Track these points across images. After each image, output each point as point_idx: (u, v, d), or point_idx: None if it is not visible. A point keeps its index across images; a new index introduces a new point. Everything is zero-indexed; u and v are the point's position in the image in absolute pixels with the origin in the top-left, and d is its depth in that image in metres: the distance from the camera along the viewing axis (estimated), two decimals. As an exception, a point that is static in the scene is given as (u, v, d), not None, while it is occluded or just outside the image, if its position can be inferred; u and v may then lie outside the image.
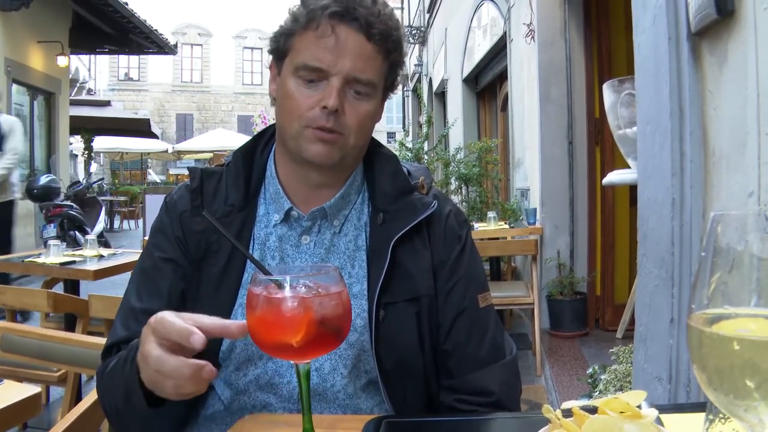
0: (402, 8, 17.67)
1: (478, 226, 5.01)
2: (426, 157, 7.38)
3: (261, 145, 1.20)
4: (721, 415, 0.61)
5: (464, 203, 6.68)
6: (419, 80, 14.57)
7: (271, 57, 1.14)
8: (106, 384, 1.02)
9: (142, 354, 0.84)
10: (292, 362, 0.82)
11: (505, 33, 6.06)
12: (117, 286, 6.02)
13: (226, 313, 1.08)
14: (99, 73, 26.37)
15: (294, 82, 1.06)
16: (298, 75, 1.05)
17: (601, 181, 4.00)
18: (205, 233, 1.10)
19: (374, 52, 1.06)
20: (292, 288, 0.78)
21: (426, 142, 8.02)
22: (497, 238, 4.89)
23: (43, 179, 8.64)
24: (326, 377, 1.06)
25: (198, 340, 0.79)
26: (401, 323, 1.08)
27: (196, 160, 21.04)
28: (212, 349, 1.06)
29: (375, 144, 1.20)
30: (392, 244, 1.08)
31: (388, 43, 1.07)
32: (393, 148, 6.48)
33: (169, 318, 0.81)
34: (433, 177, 1.29)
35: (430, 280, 1.11)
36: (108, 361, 1.05)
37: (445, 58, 10.15)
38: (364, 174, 1.19)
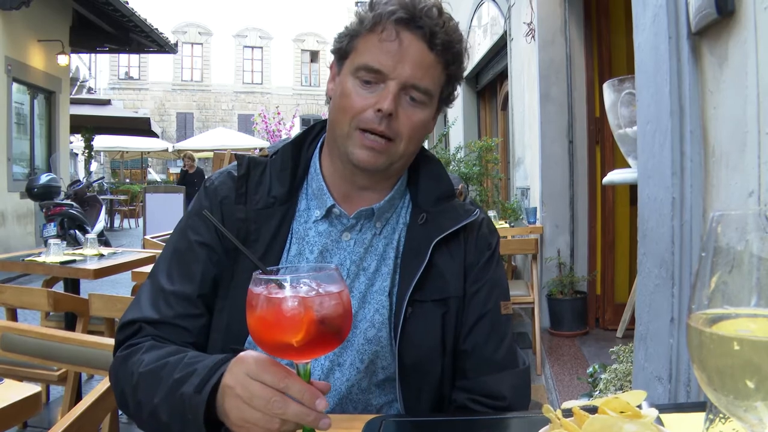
0: (402, 7, 17.64)
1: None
2: (426, 156, 7.37)
3: (309, 139, 1.21)
4: (721, 415, 0.61)
5: (464, 202, 6.67)
6: (419, 79, 14.54)
7: (333, 57, 1.15)
8: (142, 383, 0.97)
9: (243, 391, 0.81)
10: (292, 361, 0.82)
11: (505, 32, 6.06)
12: (117, 285, 6.03)
13: None
14: (99, 71, 26.37)
15: (352, 81, 1.07)
16: (357, 75, 1.07)
17: (601, 180, 3.99)
18: (245, 222, 1.11)
19: (434, 62, 1.07)
20: (292, 287, 0.78)
21: (426, 141, 8.02)
22: (497, 238, 4.88)
23: (44, 178, 8.64)
24: (344, 371, 1.08)
25: (322, 405, 0.80)
26: (427, 322, 1.09)
27: (197, 159, 21.02)
28: (238, 340, 1.07)
29: (421, 148, 1.22)
30: (433, 244, 1.10)
31: (448, 54, 1.09)
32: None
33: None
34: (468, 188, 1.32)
35: (460, 282, 1.13)
36: (139, 354, 1.00)
37: (445, 57, 10.12)
38: (407, 175, 1.20)
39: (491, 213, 5.00)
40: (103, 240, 8.34)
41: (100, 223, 9.73)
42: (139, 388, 0.97)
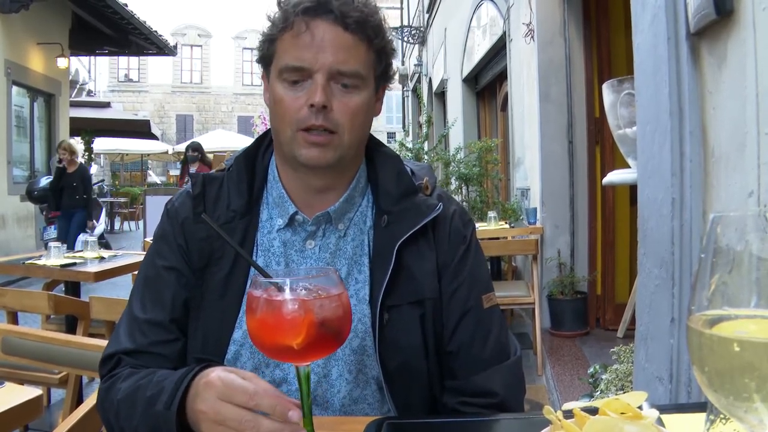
0: (401, 8, 17.69)
1: (479, 226, 5.01)
2: (426, 157, 7.38)
3: (262, 148, 1.17)
4: (722, 416, 0.61)
5: (465, 203, 6.68)
6: (419, 80, 14.56)
7: (261, 67, 1.13)
8: (121, 409, 0.99)
9: (215, 415, 0.82)
10: (291, 364, 0.82)
11: (504, 33, 6.06)
12: (118, 288, 6.03)
13: (232, 320, 1.07)
14: (99, 74, 26.36)
15: (280, 86, 1.05)
16: (283, 78, 1.04)
17: (601, 180, 4.00)
18: (208, 240, 1.09)
19: (355, 42, 1.03)
20: (292, 290, 0.78)
21: (426, 142, 8.02)
22: (498, 238, 4.89)
23: (44, 181, 8.65)
24: (333, 383, 1.06)
25: (296, 416, 0.79)
26: (405, 326, 1.06)
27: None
28: (217, 357, 1.06)
29: (376, 143, 1.18)
30: (397, 246, 1.06)
31: (367, 30, 1.04)
32: (393, 148, 6.47)
33: (246, 386, 0.81)
34: (436, 176, 1.26)
35: (434, 283, 1.09)
36: (118, 383, 1.02)
37: (444, 58, 10.15)
38: (367, 175, 1.17)
39: (491, 214, 5.00)
40: (103, 243, 8.35)
41: (101, 226, 9.74)
42: (120, 415, 0.98)
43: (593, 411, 0.67)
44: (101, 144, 17.75)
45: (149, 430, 0.92)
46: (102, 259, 3.76)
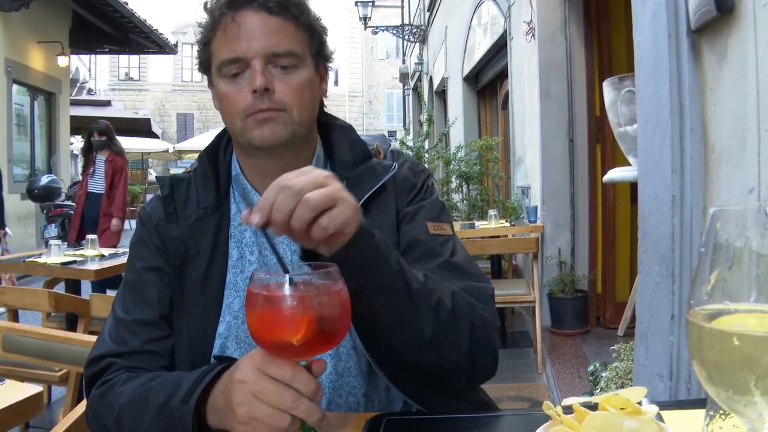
0: (402, 7, 17.68)
1: (479, 224, 5.02)
2: (427, 155, 7.39)
3: (222, 144, 1.19)
4: (721, 411, 0.61)
5: (465, 201, 6.68)
6: (420, 79, 14.57)
7: (204, 75, 1.14)
8: (126, 413, 0.96)
9: (254, 385, 0.80)
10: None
11: (505, 31, 6.06)
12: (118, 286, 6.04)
13: (214, 316, 1.07)
14: (99, 73, 26.39)
15: (222, 82, 1.06)
16: (223, 74, 1.06)
17: (601, 178, 3.99)
18: (182, 238, 1.10)
19: (281, 23, 1.05)
20: (291, 286, 0.78)
21: (427, 140, 8.02)
22: (498, 236, 4.89)
23: (44, 179, 8.67)
24: (342, 377, 1.06)
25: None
26: None
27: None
28: (203, 352, 1.06)
29: (330, 118, 1.20)
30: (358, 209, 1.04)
31: (291, 8, 1.06)
32: (393, 147, 6.47)
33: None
34: (390, 143, 1.27)
35: (394, 236, 1.09)
36: (116, 388, 1.00)
37: (445, 57, 10.15)
38: (324, 151, 1.18)
39: (492, 212, 5.00)
40: (104, 241, 8.34)
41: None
42: (123, 419, 0.96)
43: (593, 406, 0.67)
44: (102, 142, 17.74)
45: (161, 430, 0.90)
46: (102, 257, 3.76)
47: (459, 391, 1.12)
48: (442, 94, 11.43)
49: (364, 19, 12.62)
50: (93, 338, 1.74)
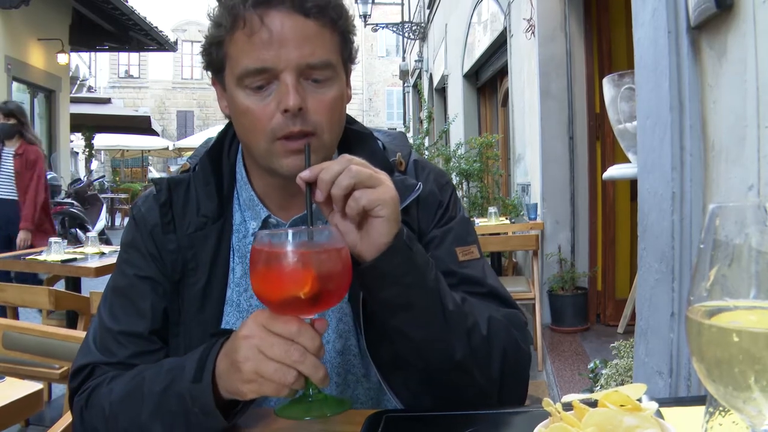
0: (402, 4, 17.65)
1: (479, 222, 5.02)
2: (427, 152, 7.39)
3: (226, 145, 1.08)
4: (721, 408, 0.61)
5: (465, 198, 6.68)
6: (419, 76, 14.55)
7: (209, 73, 1.00)
8: (119, 410, 0.91)
9: (260, 340, 0.78)
10: None
11: (505, 28, 6.05)
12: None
13: None
14: (99, 70, 26.36)
15: (242, 94, 0.92)
16: (245, 85, 0.92)
17: (601, 175, 3.99)
18: (180, 252, 1.02)
19: (319, 28, 0.91)
20: (294, 242, 0.78)
21: (427, 137, 8.02)
22: (498, 234, 4.89)
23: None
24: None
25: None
26: None
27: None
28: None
29: (348, 121, 1.07)
30: None
31: (329, 12, 0.92)
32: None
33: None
34: (411, 148, 1.15)
35: None
36: (103, 387, 0.95)
37: (445, 54, 10.14)
38: None
39: (492, 210, 5.00)
40: (104, 238, 8.36)
41: (101, 222, 9.75)
42: (118, 416, 0.91)
43: (593, 403, 0.67)
44: (102, 140, 17.75)
45: (167, 417, 0.87)
46: (102, 254, 3.77)
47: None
48: (442, 91, 11.42)
49: (364, 16, 12.59)
50: (93, 336, 1.74)
